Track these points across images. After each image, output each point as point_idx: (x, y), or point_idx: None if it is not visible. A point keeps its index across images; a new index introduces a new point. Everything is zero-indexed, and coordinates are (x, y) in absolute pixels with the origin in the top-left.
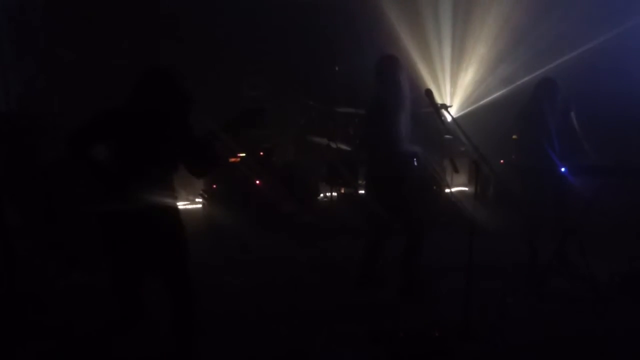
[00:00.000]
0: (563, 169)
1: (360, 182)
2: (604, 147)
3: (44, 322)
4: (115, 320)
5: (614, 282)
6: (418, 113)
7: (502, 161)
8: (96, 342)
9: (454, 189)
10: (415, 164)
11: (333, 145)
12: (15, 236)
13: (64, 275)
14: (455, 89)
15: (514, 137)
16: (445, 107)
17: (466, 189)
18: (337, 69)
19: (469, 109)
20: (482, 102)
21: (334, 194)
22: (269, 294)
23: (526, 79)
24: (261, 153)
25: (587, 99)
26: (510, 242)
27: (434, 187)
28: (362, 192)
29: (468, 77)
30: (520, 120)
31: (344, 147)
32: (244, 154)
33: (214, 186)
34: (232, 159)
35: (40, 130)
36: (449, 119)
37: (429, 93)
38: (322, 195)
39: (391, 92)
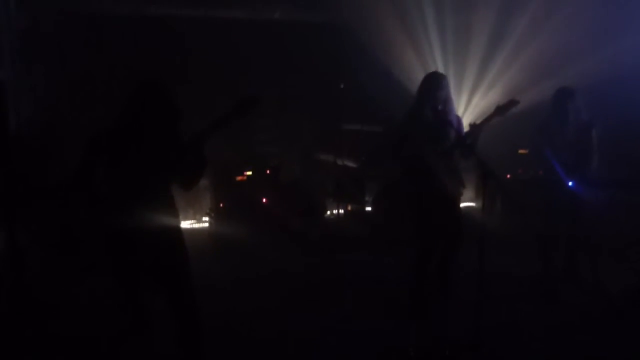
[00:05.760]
0: (571, 183)
1: (367, 198)
2: (615, 161)
3: (55, 331)
4: (122, 329)
5: (626, 295)
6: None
7: (508, 175)
8: (104, 350)
9: (461, 204)
10: None
11: (340, 162)
12: (27, 251)
13: (77, 283)
14: (461, 103)
15: (521, 151)
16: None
17: (473, 204)
18: (342, 86)
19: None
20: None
21: (341, 210)
22: (276, 313)
23: (533, 92)
24: (268, 171)
25: (599, 113)
26: (519, 257)
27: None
28: (368, 208)
29: (474, 92)
30: (536, 131)
31: (350, 164)
32: (250, 172)
33: (221, 205)
34: (239, 177)
35: (50, 151)
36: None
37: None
38: (329, 212)
39: None
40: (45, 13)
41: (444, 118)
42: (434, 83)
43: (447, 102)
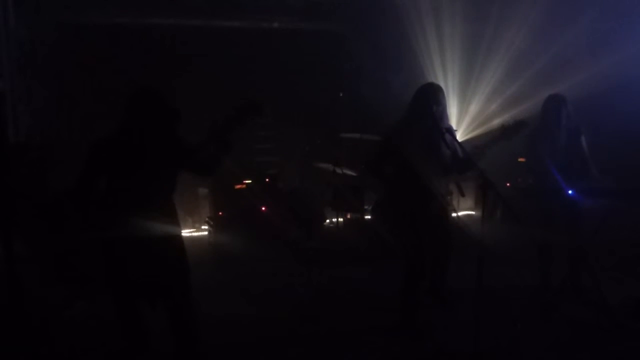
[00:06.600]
0: (571, 192)
1: (366, 207)
2: (614, 170)
3: (49, 353)
4: (119, 350)
5: (626, 306)
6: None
7: (508, 184)
8: None
9: (460, 213)
10: None
11: (339, 170)
12: (22, 265)
13: (70, 304)
14: (461, 111)
15: (520, 159)
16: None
17: (473, 212)
18: (341, 94)
19: (474, 132)
20: (487, 125)
21: (340, 219)
22: (276, 323)
23: (532, 101)
24: (267, 179)
25: (596, 122)
26: (519, 267)
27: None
28: (368, 217)
29: (473, 100)
30: (528, 139)
31: (349, 172)
32: (249, 181)
33: (220, 213)
34: (238, 186)
35: (48, 161)
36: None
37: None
38: (328, 220)
39: None
40: (44, 24)
41: (438, 134)
42: (430, 96)
43: (442, 116)
